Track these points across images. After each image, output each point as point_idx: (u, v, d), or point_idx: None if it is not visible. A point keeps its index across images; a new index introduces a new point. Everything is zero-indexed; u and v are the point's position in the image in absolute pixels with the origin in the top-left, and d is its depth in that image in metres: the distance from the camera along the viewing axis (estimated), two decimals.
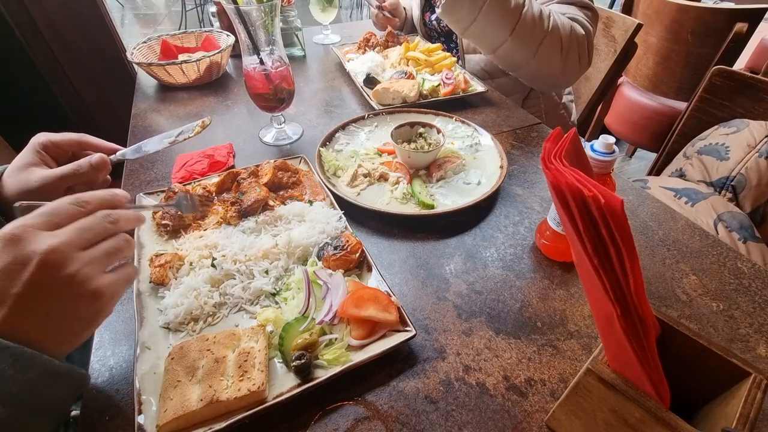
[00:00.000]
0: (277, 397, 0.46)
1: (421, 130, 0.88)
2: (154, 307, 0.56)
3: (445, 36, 1.43)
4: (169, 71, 1.12)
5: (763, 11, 1.46)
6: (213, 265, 0.60)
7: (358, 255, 0.61)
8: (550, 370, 0.52)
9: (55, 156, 0.61)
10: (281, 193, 0.76)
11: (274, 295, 0.59)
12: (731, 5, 1.54)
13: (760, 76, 1.04)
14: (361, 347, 0.51)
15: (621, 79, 2.01)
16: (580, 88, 1.65)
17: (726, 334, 0.56)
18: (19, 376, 0.35)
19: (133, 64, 1.16)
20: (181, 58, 1.24)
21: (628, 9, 1.84)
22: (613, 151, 0.54)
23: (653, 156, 1.42)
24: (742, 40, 1.49)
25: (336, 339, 0.52)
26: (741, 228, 0.91)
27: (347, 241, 0.62)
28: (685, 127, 1.21)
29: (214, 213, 0.71)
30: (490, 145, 0.90)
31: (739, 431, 0.33)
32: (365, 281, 0.60)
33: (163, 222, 0.67)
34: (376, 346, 0.51)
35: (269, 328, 0.53)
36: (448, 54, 1.18)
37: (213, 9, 1.38)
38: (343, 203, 0.73)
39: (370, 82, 1.11)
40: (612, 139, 0.53)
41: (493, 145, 0.89)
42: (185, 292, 0.57)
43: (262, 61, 0.82)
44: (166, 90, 1.19)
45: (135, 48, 1.20)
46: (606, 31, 1.44)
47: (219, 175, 0.77)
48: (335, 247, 0.61)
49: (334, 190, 0.75)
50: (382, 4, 1.40)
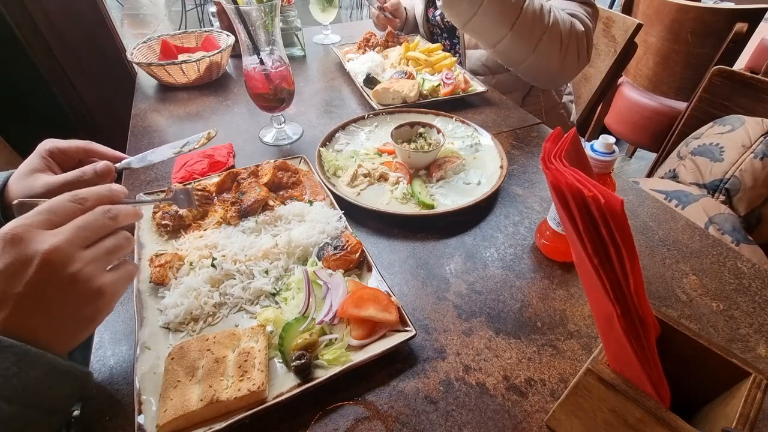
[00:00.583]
0: (277, 397, 0.46)
1: (421, 130, 0.88)
2: (154, 307, 0.56)
3: (448, 32, 1.42)
4: (169, 71, 1.12)
5: (763, 11, 1.46)
6: (213, 265, 0.60)
7: (358, 255, 0.61)
8: (550, 370, 0.52)
9: (61, 162, 0.61)
10: (281, 193, 0.76)
11: (274, 295, 0.59)
12: (731, 5, 1.54)
13: (760, 76, 1.04)
14: (361, 347, 0.51)
15: (621, 79, 2.01)
16: (580, 88, 1.65)
17: (726, 334, 0.56)
18: (23, 374, 0.36)
19: (133, 64, 1.16)
20: (181, 58, 1.24)
21: (628, 9, 1.84)
22: (613, 151, 0.54)
23: (653, 156, 1.42)
24: (742, 40, 1.49)
25: (336, 339, 0.52)
26: (734, 230, 0.90)
27: (347, 241, 0.62)
28: (685, 127, 1.21)
29: (214, 213, 0.71)
30: (490, 145, 0.90)
31: (739, 431, 0.33)
32: (365, 281, 0.60)
33: (163, 222, 0.67)
34: (376, 346, 0.51)
35: (269, 328, 0.53)
36: (448, 54, 1.18)
37: (213, 9, 1.38)
38: (343, 203, 0.73)
39: (370, 82, 1.11)
40: (612, 139, 0.53)
41: (493, 145, 0.89)
42: (185, 292, 0.57)
43: (262, 61, 0.83)
44: (166, 90, 1.19)
45: (135, 48, 1.20)
46: (606, 31, 1.44)
47: (219, 175, 0.77)
48: (335, 247, 0.61)
49: (334, 190, 0.75)
50: (383, 4, 1.40)
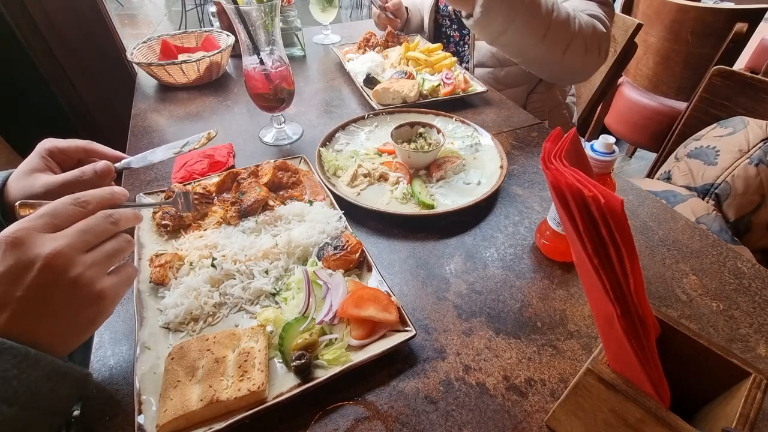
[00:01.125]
0: (277, 397, 0.46)
1: (421, 130, 0.88)
2: (154, 307, 0.56)
3: (459, 22, 1.40)
4: (169, 71, 1.12)
5: (763, 11, 1.46)
6: (213, 265, 0.60)
7: (358, 255, 0.61)
8: (550, 370, 0.52)
9: (61, 162, 0.61)
10: (281, 193, 0.76)
11: (274, 295, 0.59)
12: (731, 5, 1.55)
13: (760, 76, 1.04)
14: (361, 347, 0.51)
15: (621, 79, 2.01)
16: (580, 88, 1.65)
17: (726, 334, 0.56)
18: (24, 375, 0.36)
19: (133, 64, 1.16)
20: (181, 58, 1.24)
21: (628, 9, 1.84)
22: (613, 151, 0.54)
23: (653, 156, 1.42)
24: (742, 40, 1.49)
25: (336, 339, 0.52)
26: (721, 230, 0.89)
27: (347, 241, 0.62)
28: (685, 127, 1.21)
29: (214, 213, 0.71)
30: (490, 145, 0.90)
31: (739, 431, 0.33)
32: (365, 281, 0.60)
33: (163, 222, 0.67)
34: (376, 346, 0.51)
35: (269, 328, 0.53)
36: (448, 54, 1.19)
37: (213, 9, 1.38)
38: (343, 203, 0.73)
39: (370, 82, 1.11)
40: (612, 139, 0.53)
41: (493, 145, 0.89)
42: (185, 292, 0.57)
43: (262, 61, 0.83)
44: (166, 90, 1.19)
45: (135, 48, 1.20)
46: None
47: (219, 175, 0.77)
48: (335, 247, 0.61)
49: (334, 190, 0.75)
50: (385, 4, 1.40)
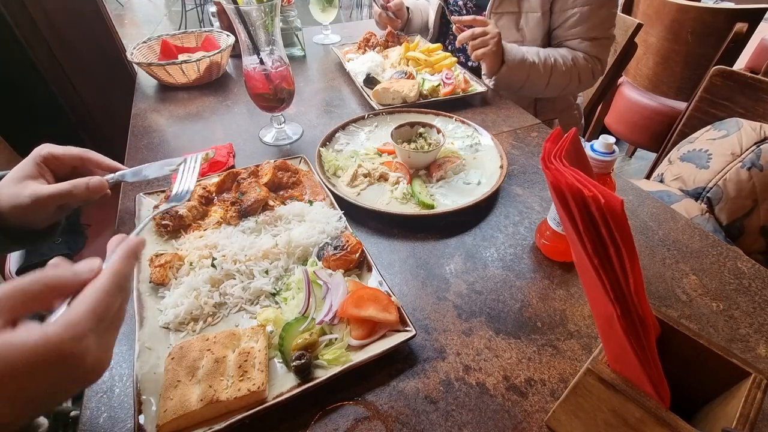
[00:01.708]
0: (277, 397, 0.46)
1: (421, 130, 0.88)
2: (154, 307, 0.56)
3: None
4: (169, 71, 1.12)
5: (763, 11, 1.46)
6: (213, 265, 0.60)
7: (358, 255, 0.61)
8: (550, 370, 0.52)
9: (55, 169, 0.59)
10: (281, 193, 0.76)
11: (274, 295, 0.59)
12: (731, 5, 1.55)
13: (760, 76, 1.04)
14: (361, 347, 0.51)
15: (621, 79, 2.01)
16: None
17: (726, 334, 0.56)
18: None
19: (133, 64, 1.16)
20: (181, 58, 1.24)
21: (628, 9, 1.84)
22: (613, 151, 0.54)
23: (653, 156, 1.42)
24: (742, 40, 1.49)
25: (336, 339, 0.52)
26: (715, 231, 0.89)
27: (347, 241, 0.62)
28: (685, 127, 1.21)
29: (214, 213, 0.71)
30: (490, 145, 0.90)
31: (739, 431, 0.33)
32: (365, 281, 0.60)
33: (163, 222, 0.67)
34: (376, 346, 0.51)
35: (269, 328, 0.53)
36: (448, 54, 1.19)
37: (213, 9, 1.38)
38: (343, 203, 0.73)
39: (370, 82, 1.11)
40: (612, 139, 0.53)
41: (493, 145, 0.89)
42: (185, 292, 0.57)
43: (262, 61, 0.83)
44: (166, 90, 1.19)
45: (135, 48, 1.20)
46: None
47: (219, 175, 0.77)
48: (335, 247, 0.61)
49: (334, 190, 0.75)
50: (387, 4, 1.39)
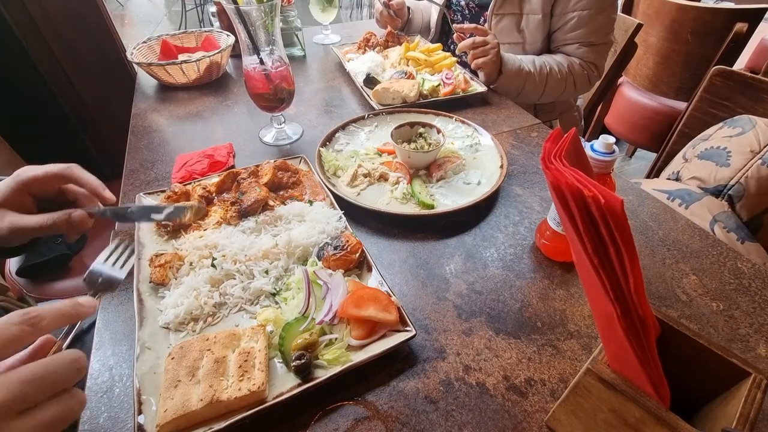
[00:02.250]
0: (277, 397, 0.46)
1: (421, 130, 0.88)
2: (154, 307, 0.56)
3: (471, 18, 1.37)
4: (169, 71, 1.12)
5: (763, 11, 1.46)
6: (213, 265, 0.60)
7: (358, 255, 0.61)
8: (550, 370, 0.52)
9: (38, 192, 0.57)
10: (281, 193, 0.76)
11: (274, 295, 0.59)
12: (731, 5, 1.55)
13: (760, 76, 1.04)
14: (361, 347, 0.51)
15: (621, 79, 2.01)
16: None
17: (726, 334, 0.56)
18: None
19: (133, 64, 1.16)
20: (181, 58, 1.24)
21: (628, 9, 1.84)
22: (613, 151, 0.54)
23: (653, 156, 1.42)
24: (742, 40, 1.49)
25: (336, 339, 0.52)
26: (738, 228, 0.89)
27: (347, 241, 0.62)
28: (685, 127, 1.21)
29: (214, 213, 0.71)
30: (490, 145, 0.90)
31: (739, 431, 0.33)
32: (365, 281, 0.60)
33: (164, 222, 0.67)
34: (376, 346, 0.51)
35: (269, 328, 0.53)
36: (449, 54, 1.19)
37: (213, 9, 1.38)
38: (343, 203, 0.73)
39: (370, 82, 1.11)
40: (612, 139, 0.53)
41: (493, 145, 0.89)
42: (185, 292, 0.57)
43: (262, 61, 0.83)
44: (166, 90, 1.19)
45: (135, 48, 1.20)
46: None
47: (219, 175, 0.77)
48: (335, 247, 0.61)
49: (334, 190, 0.75)
50: (389, 2, 1.39)
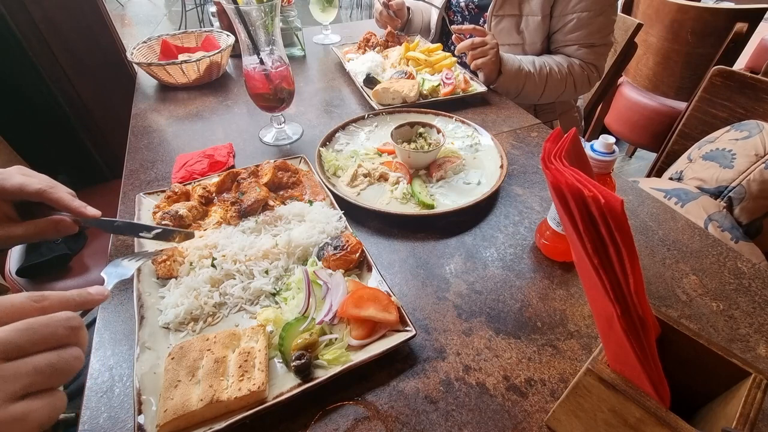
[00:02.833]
0: (277, 397, 0.46)
1: (421, 130, 0.88)
2: (154, 307, 0.56)
3: (471, 18, 1.36)
4: (169, 71, 1.12)
5: (763, 11, 1.46)
6: (213, 265, 0.60)
7: (358, 255, 0.61)
8: (550, 370, 0.52)
9: (18, 200, 0.54)
10: (281, 193, 0.76)
11: (274, 295, 0.59)
12: (731, 5, 1.54)
13: (760, 76, 1.04)
14: (361, 347, 0.51)
15: (621, 79, 2.01)
16: None
17: (726, 334, 0.56)
18: None
19: (133, 64, 1.16)
20: (181, 58, 1.24)
21: (628, 9, 1.84)
22: (613, 151, 0.54)
23: (653, 156, 1.42)
24: (742, 40, 1.49)
25: (336, 339, 0.52)
26: (732, 227, 0.90)
27: (347, 241, 0.62)
28: (685, 127, 1.21)
29: (214, 213, 0.71)
30: (490, 145, 0.90)
31: (739, 431, 0.33)
32: (365, 281, 0.60)
33: (163, 222, 0.67)
34: (376, 346, 0.51)
35: (269, 328, 0.53)
36: (448, 54, 1.19)
37: (213, 9, 1.38)
38: (343, 203, 0.73)
39: (370, 82, 1.11)
40: (612, 139, 0.53)
41: (493, 145, 0.89)
42: (185, 292, 0.57)
43: (262, 61, 0.83)
44: (166, 90, 1.19)
45: (135, 48, 1.20)
46: None
47: (219, 175, 0.77)
48: (335, 247, 0.61)
49: (334, 190, 0.75)
50: (389, 2, 1.39)
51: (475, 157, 0.89)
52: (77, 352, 0.34)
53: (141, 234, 0.61)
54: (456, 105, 1.07)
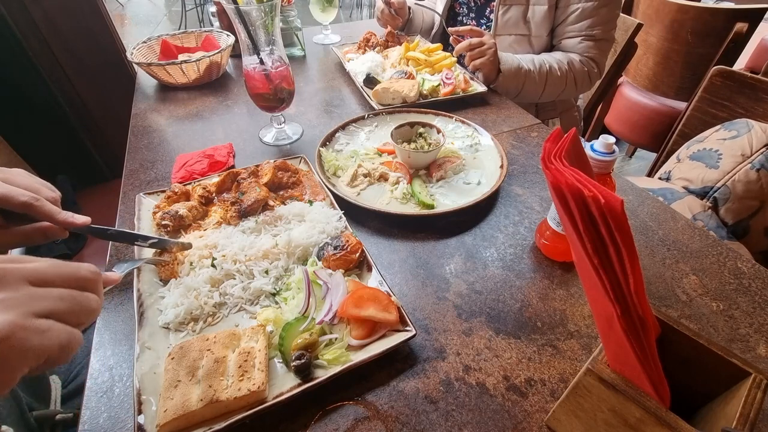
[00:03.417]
0: (277, 397, 0.46)
1: (421, 130, 0.88)
2: (154, 307, 0.56)
3: (476, 11, 1.36)
4: (169, 71, 1.12)
5: (763, 11, 1.46)
6: (213, 265, 0.60)
7: (358, 255, 0.61)
8: (550, 370, 0.52)
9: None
10: (281, 193, 0.76)
11: (274, 295, 0.59)
12: (731, 5, 1.55)
13: (760, 76, 1.04)
14: (361, 347, 0.51)
15: (621, 79, 2.01)
16: None
17: (726, 334, 0.56)
18: None
19: (133, 64, 1.16)
20: (181, 58, 1.24)
21: (628, 9, 1.84)
22: (613, 151, 0.54)
23: (653, 156, 1.42)
24: (742, 40, 1.49)
25: (336, 339, 0.52)
26: (718, 227, 0.89)
27: (347, 241, 0.62)
28: (685, 127, 1.21)
29: (214, 213, 0.71)
30: (490, 145, 0.90)
31: (739, 431, 0.33)
32: (365, 281, 0.60)
33: (163, 222, 0.67)
34: (376, 346, 0.51)
35: (269, 328, 0.53)
36: (448, 54, 1.19)
37: (213, 9, 1.38)
38: (343, 203, 0.73)
39: (370, 82, 1.11)
40: (612, 139, 0.53)
41: (493, 145, 0.89)
42: (185, 292, 0.57)
43: (262, 61, 0.83)
44: (166, 90, 1.19)
45: (135, 48, 1.20)
46: None
47: (219, 175, 0.77)
48: (335, 247, 0.61)
49: (334, 190, 0.75)
50: (391, 1, 1.39)
51: (475, 157, 0.89)
52: (96, 298, 0.37)
53: (136, 243, 0.61)
54: (456, 105, 1.07)
